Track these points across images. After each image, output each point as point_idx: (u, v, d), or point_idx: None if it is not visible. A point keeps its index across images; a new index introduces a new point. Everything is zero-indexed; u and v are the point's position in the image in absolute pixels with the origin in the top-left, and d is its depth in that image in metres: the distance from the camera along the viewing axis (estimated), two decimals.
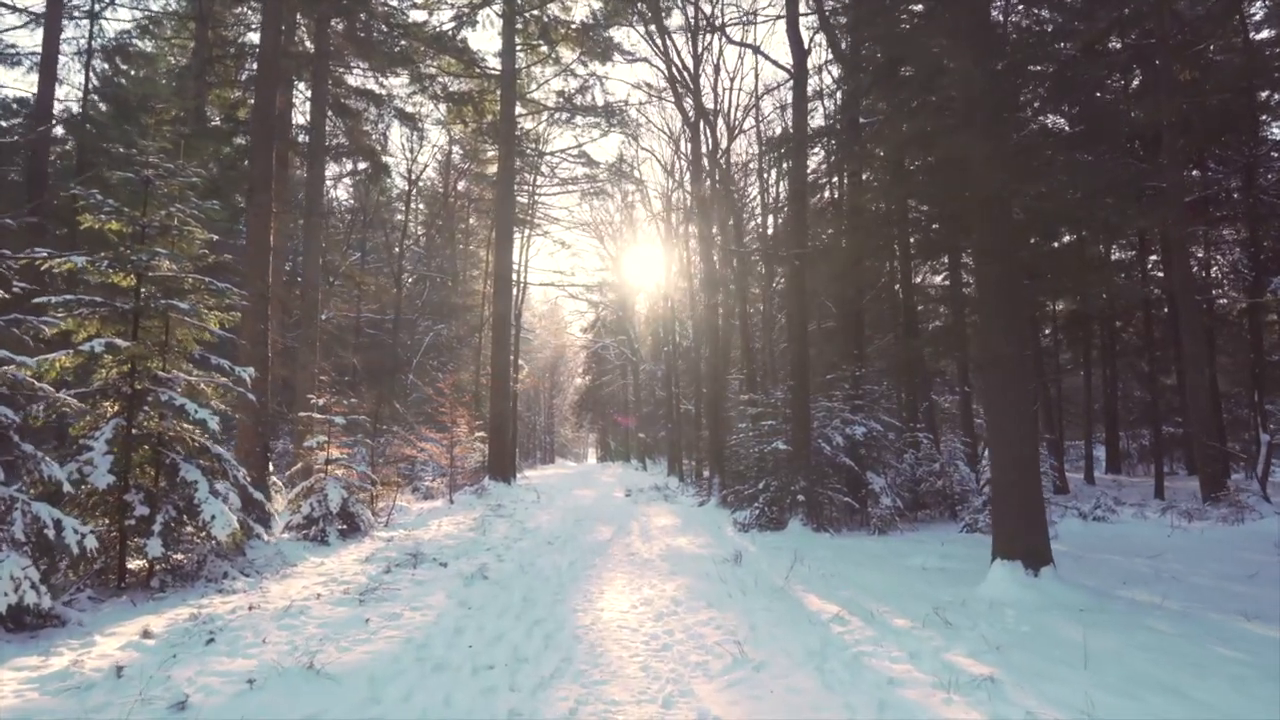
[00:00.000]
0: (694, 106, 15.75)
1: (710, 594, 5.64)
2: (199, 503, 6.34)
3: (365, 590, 5.90)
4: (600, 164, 22.21)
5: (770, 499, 10.85)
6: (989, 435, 6.12)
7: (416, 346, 28.12)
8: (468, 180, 30.40)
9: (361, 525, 9.78)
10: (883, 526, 10.60)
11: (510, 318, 19.35)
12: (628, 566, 7.33)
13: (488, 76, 21.33)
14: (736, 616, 4.89)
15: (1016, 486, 5.93)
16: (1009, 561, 5.86)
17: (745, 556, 7.38)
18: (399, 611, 5.05)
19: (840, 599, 5.51)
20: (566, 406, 49.50)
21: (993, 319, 6.10)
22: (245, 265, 9.10)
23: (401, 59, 20.23)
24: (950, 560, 7.74)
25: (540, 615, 5.00)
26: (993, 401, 6.06)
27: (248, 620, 4.89)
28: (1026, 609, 5.22)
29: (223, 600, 5.72)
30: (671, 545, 9.02)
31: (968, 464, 13.26)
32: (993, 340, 6.07)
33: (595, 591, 5.88)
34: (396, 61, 20.30)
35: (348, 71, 20.90)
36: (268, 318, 9.11)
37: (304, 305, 13.04)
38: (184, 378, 7.01)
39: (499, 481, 17.55)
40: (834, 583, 6.30)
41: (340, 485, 9.48)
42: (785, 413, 11.37)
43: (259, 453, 8.77)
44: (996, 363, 6.03)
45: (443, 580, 6.41)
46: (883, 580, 6.51)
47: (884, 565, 7.61)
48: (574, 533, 10.36)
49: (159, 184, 6.94)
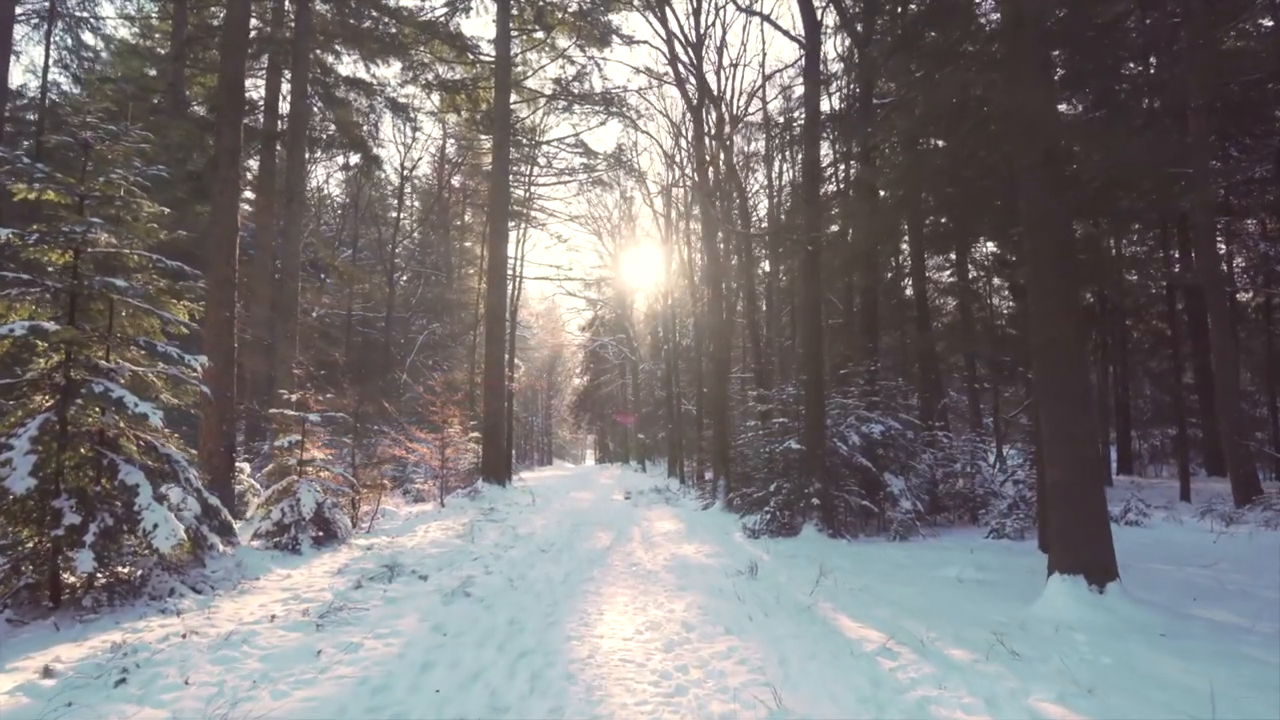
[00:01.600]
0: (697, 88, 14.98)
1: (726, 615, 4.85)
2: (139, 510, 5.54)
3: (327, 611, 5.10)
4: (599, 154, 21.43)
5: (782, 503, 10.07)
6: (1044, 430, 5.34)
7: (410, 345, 27.33)
8: (462, 174, 29.63)
9: (339, 532, 8.97)
10: (903, 532, 9.84)
11: (505, 313, 18.56)
12: (630, 579, 6.54)
13: (481, 63, 20.57)
14: (761, 646, 4.10)
15: (1077, 490, 5.15)
16: (1069, 576, 5.09)
17: (760, 568, 6.60)
18: (359, 640, 4.25)
19: (878, 621, 4.72)
20: (564, 407, 48.66)
21: (1046, 297, 5.33)
22: (209, 247, 8.32)
23: (393, 46, 19.47)
24: (987, 571, 6.97)
25: (528, 645, 4.21)
26: (1048, 391, 5.28)
27: (178, 651, 4.09)
28: (1098, 633, 4.45)
29: (161, 623, 4.92)
30: (677, 554, 8.23)
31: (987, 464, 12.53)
32: (1047, 321, 5.30)
33: (593, 612, 5.09)
34: (388, 49, 19.53)
35: (337, 60, 20.16)
36: (234, 305, 8.31)
37: (283, 296, 12.24)
38: (130, 368, 6.22)
39: (493, 484, 16.76)
40: (865, 600, 5.52)
41: (315, 489, 8.67)
42: (797, 410, 10.59)
43: (223, 453, 7.97)
44: (1052, 346, 5.26)
45: (419, 598, 5.61)
46: (919, 596, 5.73)
47: (914, 577, 6.84)
48: (570, 539, 9.57)
49: (99, 148, 6.15)
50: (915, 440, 11.86)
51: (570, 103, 21.12)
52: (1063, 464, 5.21)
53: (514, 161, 22.42)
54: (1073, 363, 5.19)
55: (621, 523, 11.86)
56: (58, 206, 6.02)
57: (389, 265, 28.04)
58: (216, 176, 8.39)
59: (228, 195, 8.30)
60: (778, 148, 15.78)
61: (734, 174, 14.60)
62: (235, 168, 8.36)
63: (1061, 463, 5.21)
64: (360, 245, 29.43)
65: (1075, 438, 5.14)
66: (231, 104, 8.48)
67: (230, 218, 8.32)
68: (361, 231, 29.45)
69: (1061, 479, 5.22)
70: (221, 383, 8.10)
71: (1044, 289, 5.34)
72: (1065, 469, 5.18)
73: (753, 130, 19.90)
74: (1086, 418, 5.20)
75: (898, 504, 10.24)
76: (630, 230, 31.84)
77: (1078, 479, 5.13)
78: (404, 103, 22.39)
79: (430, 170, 31.00)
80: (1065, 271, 5.31)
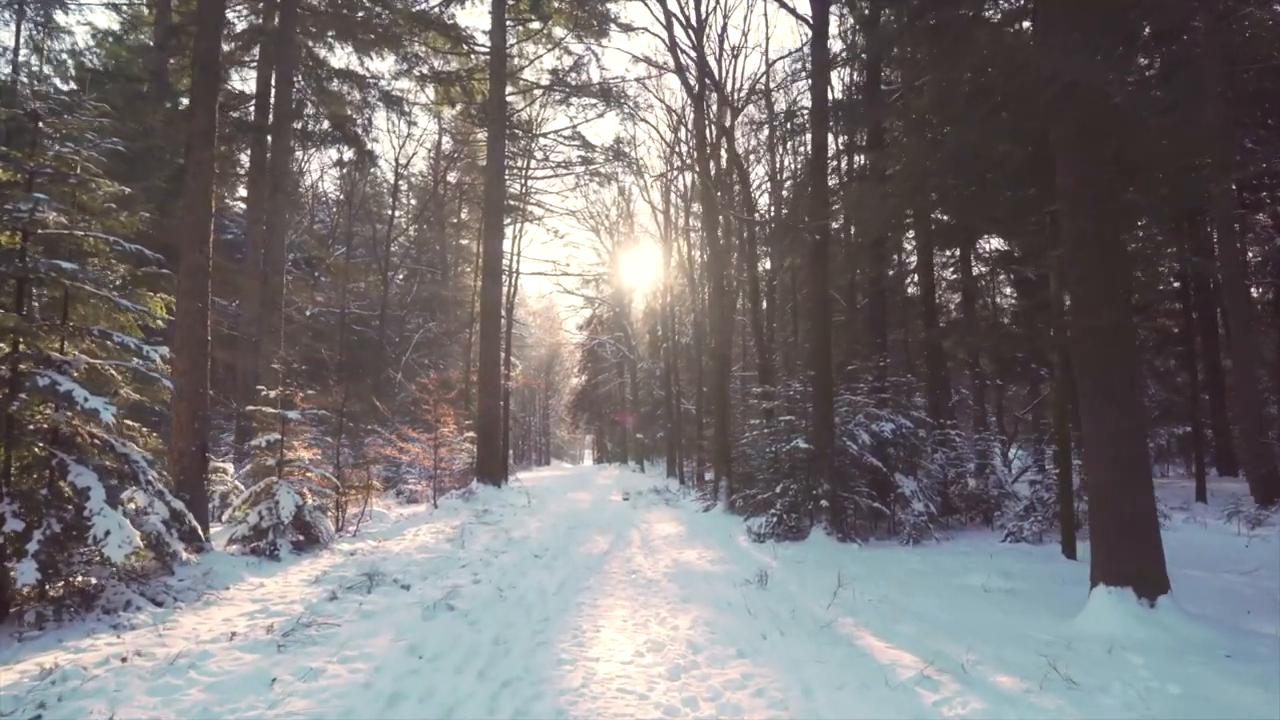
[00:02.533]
0: (698, 73, 14.45)
1: (737, 633, 4.35)
2: (90, 514, 5.03)
3: (294, 628, 4.60)
4: (597, 147, 20.91)
5: (789, 505, 9.57)
6: (1085, 427, 4.85)
7: (405, 343, 26.83)
8: (458, 170, 29.11)
9: (321, 536, 8.48)
10: (916, 535, 9.35)
11: (500, 308, 18.04)
12: (629, 589, 6.04)
13: (476, 54, 20.07)
14: (780, 672, 3.61)
15: (1124, 493, 4.66)
16: (1115, 589, 4.60)
17: (770, 576, 6.10)
18: (322, 665, 3.75)
19: (908, 640, 4.23)
20: (562, 407, 48.14)
21: (1087, 281, 4.84)
22: (182, 233, 7.80)
23: (385, 37, 18.97)
24: (1014, 579, 6.48)
25: (513, 671, 3.70)
26: (1090, 384, 4.79)
27: (114, 679, 3.59)
28: (1156, 655, 3.96)
29: (109, 641, 4.41)
30: (679, 560, 7.73)
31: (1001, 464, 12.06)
32: (1087, 308, 4.82)
33: (588, 629, 4.59)
34: (380, 40, 19.03)
35: (330, 53, 19.65)
36: (208, 295, 7.80)
37: (268, 290, 11.73)
38: (86, 360, 5.71)
39: (488, 484, 16.24)
40: (887, 613, 5.02)
41: (294, 491, 8.17)
42: (804, 407, 10.09)
43: (195, 452, 7.45)
44: (1093, 336, 4.77)
45: (397, 611, 5.11)
46: (946, 609, 5.24)
47: (935, 586, 6.35)
48: (566, 544, 9.07)
49: (50, 122, 5.65)
50: (926, 439, 11.39)
51: (567, 94, 20.60)
52: (1106, 464, 4.72)
53: (510, 155, 21.90)
54: (1118, 353, 4.70)
55: (620, 525, 11.36)
56: (3, 184, 5.53)
57: (383, 263, 27.54)
58: (189, 159, 7.88)
59: (201, 179, 7.79)
60: (781, 138, 15.28)
61: (736, 160, 14.09)
62: (209, 150, 7.85)
63: (1105, 463, 4.72)
64: (355, 243, 28.93)
65: (1121, 435, 4.65)
66: (205, 83, 7.97)
67: (204, 203, 7.81)
68: (357, 229, 28.95)
69: (1106, 481, 4.73)
70: (194, 378, 7.58)
71: (1084, 272, 4.85)
72: (1109, 470, 4.69)
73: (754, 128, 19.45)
74: (1133, 413, 4.71)
75: (910, 506, 9.76)
76: (628, 227, 31.36)
77: (1124, 481, 4.64)
78: (398, 96, 21.89)
79: (426, 167, 30.52)
80: (1108, 253, 4.82)
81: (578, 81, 20.17)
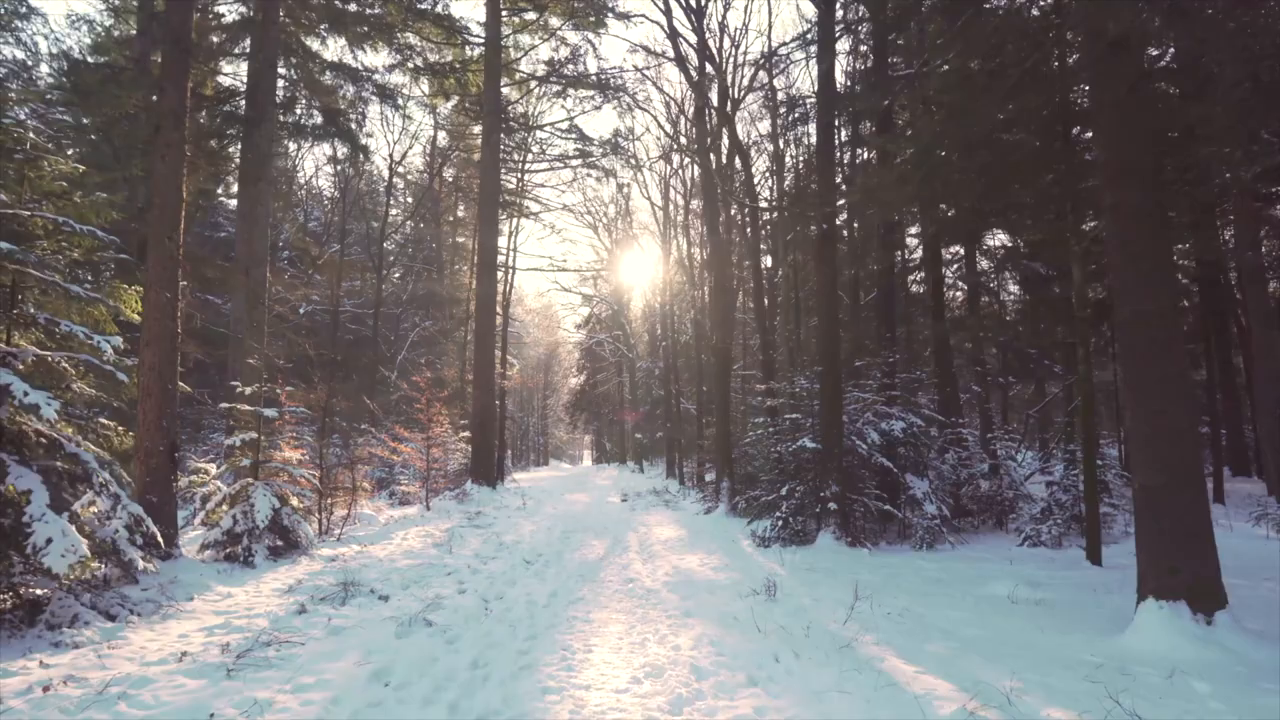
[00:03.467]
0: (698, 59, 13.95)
1: (747, 655, 3.87)
2: (30, 521, 4.55)
3: (252, 646, 4.12)
4: (594, 140, 20.41)
5: (795, 507, 9.09)
6: (1131, 424, 4.38)
7: (401, 342, 26.36)
8: (454, 166, 28.64)
9: (301, 541, 7.99)
10: (929, 540, 8.88)
11: (495, 303, 17.55)
12: (625, 601, 5.56)
13: (471, 45, 19.61)
14: (799, 706, 3.13)
15: (1176, 497, 4.19)
16: (1167, 603, 4.13)
17: (779, 586, 5.62)
18: (271, 695, 3.26)
19: (938, 663, 3.75)
20: (560, 407, 47.62)
21: (1134, 261, 4.37)
22: (150, 220, 7.32)
23: (378, 28, 18.51)
24: (1041, 589, 6.00)
25: (491, 703, 3.22)
26: (1137, 376, 4.32)
27: (31, 713, 3.11)
28: (1224, 681, 3.48)
29: (44, 663, 3.94)
30: (679, 567, 7.25)
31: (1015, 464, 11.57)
32: (1137, 290, 4.34)
33: (579, 648, 4.11)
34: (374, 31, 18.56)
35: (323, 46, 19.17)
36: (177, 285, 7.30)
37: (250, 283, 11.24)
38: (35, 352, 5.24)
39: (483, 485, 15.76)
40: (911, 629, 4.55)
41: (271, 493, 7.69)
42: (811, 405, 9.61)
43: (163, 452, 6.96)
44: (1142, 322, 4.29)
45: (370, 627, 4.63)
46: (974, 623, 4.76)
47: (957, 596, 5.87)
48: (560, 549, 8.58)
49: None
50: (938, 438, 10.92)
51: (564, 86, 20.13)
52: (1156, 465, 4.24)
53: (506, 149, 21.43)
54: (1170, 340, 4.23)
55: (617, 529, 10.88)
56: None
57: (378, 260, 27.07)
58: (158, 141, 7.39)
59: (170, 162, 7.30)
60: (784, 128, 14.81)
61: (738, 145, 13.57)
62: (179, 131, 7.37)
63: (1155, 463, 4.25)
64: (350, 240, 28.46)
65: (1174, 432, 4.18)
66: (176, 58, 7.50)
67: (173, 188, 7.32)
68: (352, 226, 28.48)
69: (1155, 483, 4.25)
70: (162, 373, 7.09)
71: (1130, 251, 4.38)
72: (1160, 471, 4.22)
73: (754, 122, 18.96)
74: (1187, 407, 4.24)
75: (921, 508, 9.29)
76: (627, 224, 30.89)
77: (1177, 483, 4.16)
78: (392, 89, 21.42)
79: (422, 163, 30.07)
80: (1158, 227, 4.35)
81: (574, 73, 19.70)
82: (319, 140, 23.03)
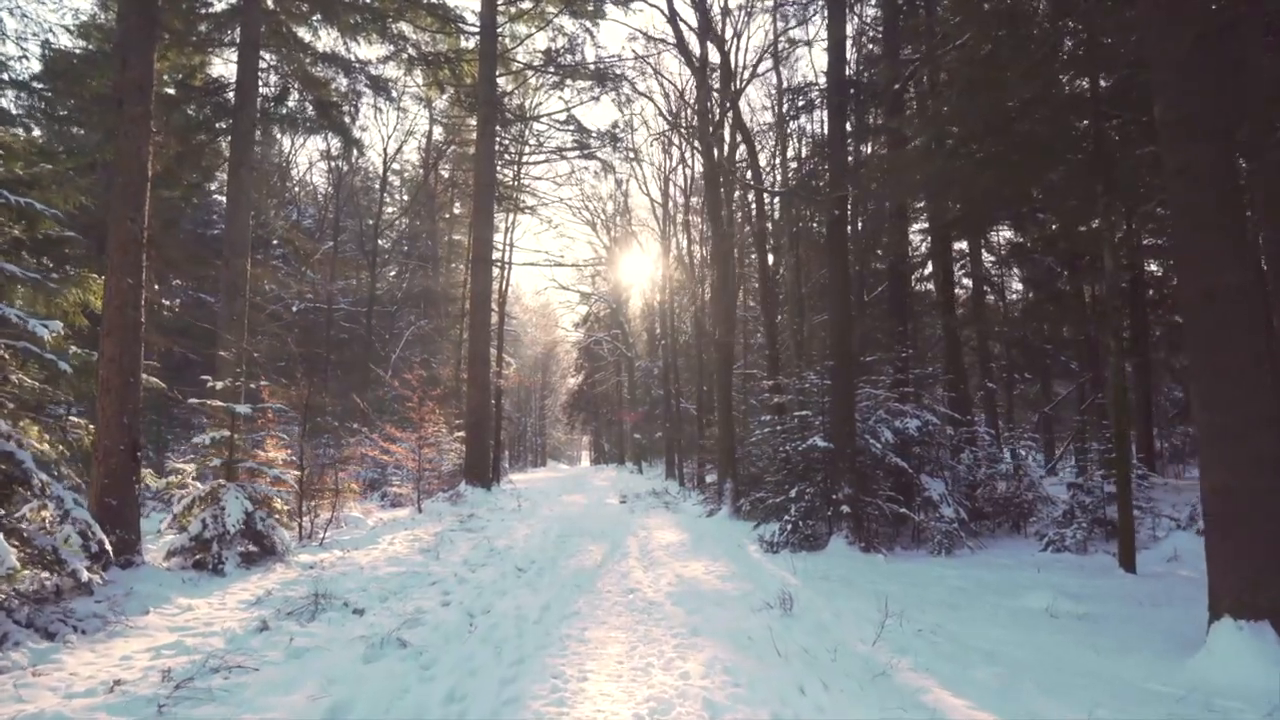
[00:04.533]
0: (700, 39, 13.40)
1: (767, 686, 3.33)
2: None
3: (196, 674, 3.58)
4: (592, 131, 19.86)
5: (805, 510, 8.56)
6: (1200, 417, 3.86)
7: (396, 341, 25.83)
8: (449, 163, 28.11)
9: (277, 547, 7.43)
10: (948, 545, 8.36)
11: (490, 298, 17.01)
12: (625, 615, 5.03)
13: (465, 33, 19.09)
14: None
15: (1257, 501, 3.66)
16: (1248, 623, 3.60)
17: (794, 599, 5.08)
18: None
19: (990, 695, 3.22)
20: (558, 407, 47.08)
21: (1205, 230, 3.84)
22: (112, 200, 6.77)
23: (371, 17, 18.00)
24: (1082, 601, 5.47)
25: None
26: (1210, 362, 3.79)
27: None
28: None
29: None
30: (684, 575, 6.72)
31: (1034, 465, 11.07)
32: (1207, 264, 3.82)
33: (572, 676, 3.56)
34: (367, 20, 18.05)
35: (315, 37, 18.65)
36: (141, 270, 6.75)
37: (230, 273, 10.69)
38: None
39: (477, 487, 15.20)
40: (950, 651, 4.01)
41: (244, 495, 7.14)
42: (822, 402, 9.08)
43: (124, 452, 6.41)
44: (1213, 299, 3.77)
45: (336, 648, 4.09)
46: (1019, 643, 4.23)
47: (992, 610, 5.34)
48: (555, 555, 8.04)
49: None
50: (953, 437, 10.41)
51: (561, 77, 19.58)
52: (1234, 464, 3.72)
53: (502, 142, 20.88)
54: (1249, 319, 3.70)
55: (616, 532, 10.34)
56: None
57: (371, 256, 26.54)
58: (122, 115, 6.85)
59: (134, 137, 6.76)
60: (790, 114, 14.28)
61: (743, 128, 13.03)
62: (144, 104, 6.82)
63: (1233, 462, 3.72)
64: (344, 238, 27.93)
65: (1256, 425, 3.65)
66: (140, 27, 6.95)
67: (138, 165, 6.77)
68: (346, 223, 27.96)
69: (1231, 485, 3.72)
70: (124, 365, 6.54)
71: (1199, 221, 3.86)
72: (1239, 470, 3.69)
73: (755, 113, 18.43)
74: (1262, 397, 3.70)
75: (938, 511, 8.76)
76: (625, 222, 30.36)
77: (1261, 485, 3.63)
78: (386, 81, 20.90)
79: (417, 159, 29.56)
80: (1230, 193, 3.82)
81: (572, 63, 19.16)
82: (311, 133, 22.57)
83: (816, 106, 12.88)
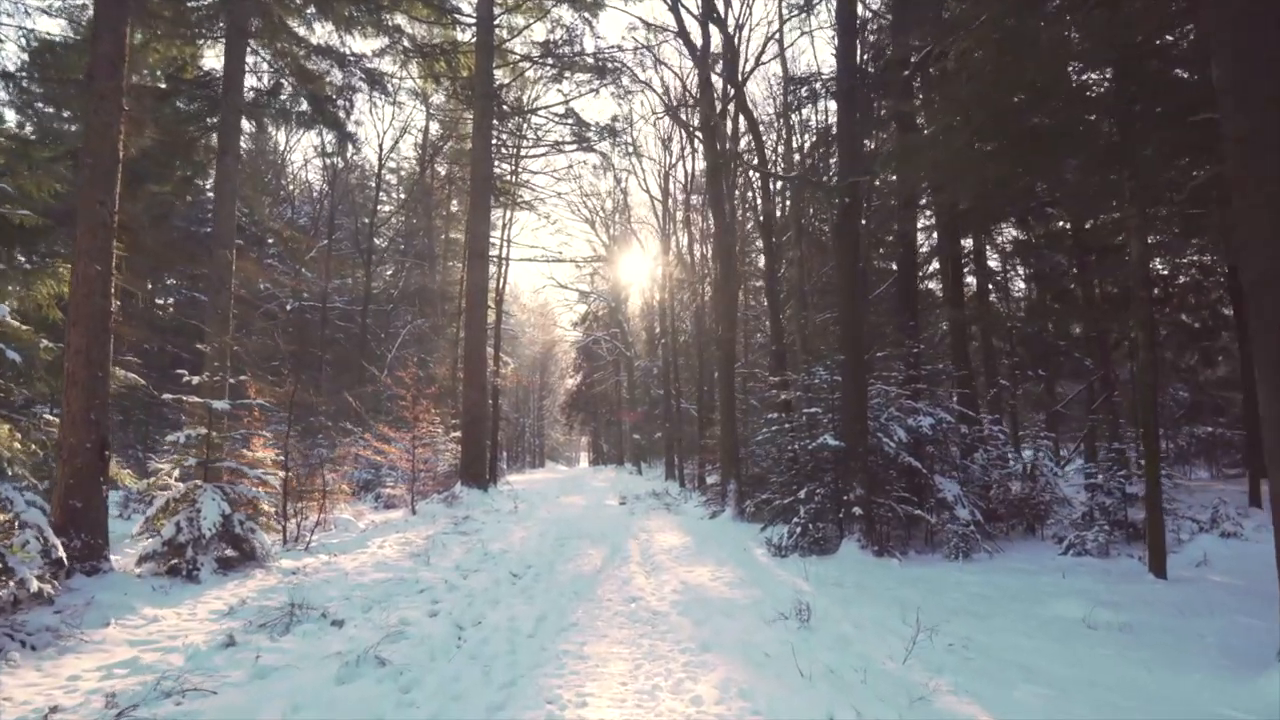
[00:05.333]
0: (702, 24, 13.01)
1: (791, 713, 2.94)
2: None
3: (146, 698, 3.18)
4: (591, 124, 19.47)
5: (815, 512, 8.17)
6: (1264, 407, 3.47)
7: (392, 340, 25.44)
8: (445, 159, 27.70)
9: (258, 552, 7.03)
10: (964, 548, 7.97)
11: (486, 293, 16.61)
12: (628, 628, 4.63)
13: (462, 24, 18.71)
14: None
15: None
16: None
17: (811, 609, 4.69)
18: None
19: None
20: (557, 408, 46.66)
21: (1272, 203, 3.46)
22: (80, 183, 6.38)
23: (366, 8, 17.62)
24: (1116, 609, 5.08)
25: None
26: (1271, 348, 3.41)
27: None
28: None
29: None
30: (688, 581, 6.32)
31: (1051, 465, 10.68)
32: (1270, 245, 3.43)
33: (570, 701, 3.17)
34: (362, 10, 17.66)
35: (309, 30, 18.28)
36: (110, 257, 6.36)
37: (213, 265, 10.29)
38: None
39: (473, 488, 14.79)
40: (984, 666, 3.63)
41: (221, 497, 6.74)
42: (832, 399, 8.70)
43: (90, 450, 6.01)
44: (1273, 282, 3.38)
45: (307, 666, 3.69)
46: (1059, 658, 3.85)
47: (1021, 620, 4.95)
48: (552, 559, 7.65)
49: None
50: (967, 436, 10.02)
51: (560, 69, 19.19)
52: None
53: (499, 136, 20.49)
54: None
55: (616, 535, 9.94)
56: None
57: (367, 255, 26.14)
58: (91, 91, 6.46)
59: (104, 114, 6.36)
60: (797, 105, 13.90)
61: (748, 114, 12.65)
62: (116, 80, 6.44)
63: None
64: (339, 235, 27.53)
65: None
66: None
67: (107, 145, 6.38)
68: (341, 221, 27.57)
69: None
70: (91, 358, 6.14)
71: (1267, 189, 3.47)
72: None
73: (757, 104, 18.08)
74: None
75: (952, 512, 8.38)
76: (624, 219, 29.96)
77: None
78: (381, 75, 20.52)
79: (413, 155, 29.16)
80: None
81: (570, 54, 18.77)
82: (305, 127, 22.11)
83: (821, 96, 12.48)
